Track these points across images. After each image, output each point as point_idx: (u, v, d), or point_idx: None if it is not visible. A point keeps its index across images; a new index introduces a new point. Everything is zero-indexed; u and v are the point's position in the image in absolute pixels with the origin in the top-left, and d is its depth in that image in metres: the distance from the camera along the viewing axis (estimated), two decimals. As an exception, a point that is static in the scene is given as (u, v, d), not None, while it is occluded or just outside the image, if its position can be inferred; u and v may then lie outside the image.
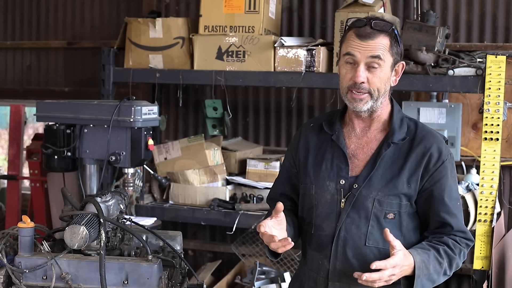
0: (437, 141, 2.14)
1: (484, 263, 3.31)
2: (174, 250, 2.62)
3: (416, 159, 2.11)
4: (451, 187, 2.14)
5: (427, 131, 2.17)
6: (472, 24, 4.13)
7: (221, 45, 3.81)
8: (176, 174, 3.90)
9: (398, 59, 2.13)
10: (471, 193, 3.42)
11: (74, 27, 5.08)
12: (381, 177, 2.12)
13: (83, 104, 3.27)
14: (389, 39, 2.08)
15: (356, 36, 2.08)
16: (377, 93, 2.09)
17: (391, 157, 2.13)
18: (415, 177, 2.11)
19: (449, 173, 2.13)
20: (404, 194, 2.11)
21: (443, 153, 2.12)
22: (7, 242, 2.42)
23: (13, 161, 4.74)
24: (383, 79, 2.09)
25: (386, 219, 2.11)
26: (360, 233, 2.11)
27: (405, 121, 2.19)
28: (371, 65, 2.07)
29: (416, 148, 2.12)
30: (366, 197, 2.11)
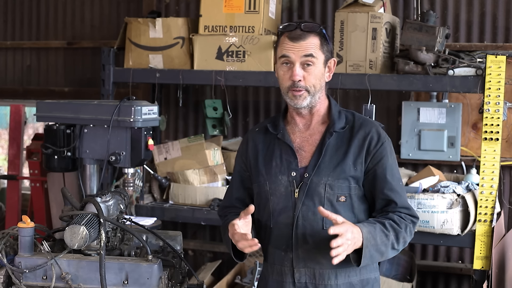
0: (375, 126, 2.34)
1: (484, 263, 3.31)
2: (174, 250, 2.62)
3: (359, 143, 2.29)
4: (392, 167, 2.31)
5: (364, 119, 2.37)
6: (472, 24, 4.13)
7: (221, 45, 3.81)
8: (176, 174, 3.90)
9: (329, 56, 2.32)
10: (471, 193, 3.42)
11: (74, 27, 5.08)
12: (328, 164, 2.28)
13: (83, 104, 3.27)
14: (319, 38, 2.27)
15: (289, 39, 2.26)
16: (313, 89, 2.27)
17: (335, 145, 2.30)
18: (359, 159, 2.28)
19: (388, 154, 2.31)
20: (352, 177, 2.27)
21: (381, 136, 2.31)
22: (7, 242, 2.42)
23: (13, 161, 4.74)
24: (318, 76, 2.27)
25: (338, 202, 2.26)
26: (317, 219, 2.25)
27: (342, 113, 2.37)
28: (305, 64, 2.25)
29: (357, 134, 2.31)
30: (318, 183, 2.26)
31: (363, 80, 3.50)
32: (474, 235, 3.33)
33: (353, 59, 3.59)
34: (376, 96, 3.78)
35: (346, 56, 3.61)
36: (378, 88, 3.54)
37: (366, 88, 3.49)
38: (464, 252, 4.25)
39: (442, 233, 3.36)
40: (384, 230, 2.19)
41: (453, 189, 3.40)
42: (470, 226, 3.37)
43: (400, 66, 3.50)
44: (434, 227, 3.35)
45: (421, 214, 3.34)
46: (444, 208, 3.33)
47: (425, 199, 3.34)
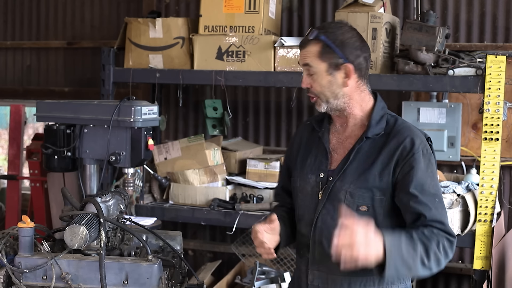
0: (411, 135, 2.19)
1: (484, 263, 3.31)
2: (174, 250, 2.62)
3: (389, 153, 2.17)
4: (422, 181, 2.13)
5: (404, 126, 2.23)
6: (472, 24, 4.13)
7: (221, 45, 3.81)
8: (176, 174, 3.90)
9: (337, 62, 2.20)
10: (471, 193, 3.42)
11: (74, 27, 5.08)
12: (354, 171, 2.20)
13: (83, 104, 3.27)
14: (319, 46, 2.21)
15: (299, 47, 2.32)
16: (323, 96, 2.23)
17: (366, 152, 2.21)
18: (387, 170, 2.16)
19: (420, 166, 2.14)
20: (376, 188, 2.16)
21: (415, 146, 2.16)
22: (7, 242, 2.42)
23: (13, 161, 4.74)
24: (323, 83, 2.22)
25: (358, 211, 2.16)
26: (334, 224, 2.10)
27: (385, 118, 2.26)
28: (308, 72, 2.24)
29: (390, 142, 2.19)
30: (339, 189, 2.20)
31: (363, 80, 3.49)
32: (474, 235, 3.33)
33: (353, 59, 3.59)
34: (376, 96, 3.78)
35: (346, 56, 3.60)
36: (378, 88, 3.52)
37: (366, 88, 3.49)
38: (464, 252, 4.25)
39: (442, 233, 3.36)
40: (410, 242, 2.04)
41: (453, 189, 3.40)
42: (470, 226, 3.37)
43: (400, 66, 3.50)
44: (434, 227, 3.35)
45: (421, 214, 3.34)
46: (444, 208, 3.33)
47: (425, 199, 3.33)
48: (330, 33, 2.22)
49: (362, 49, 2.24)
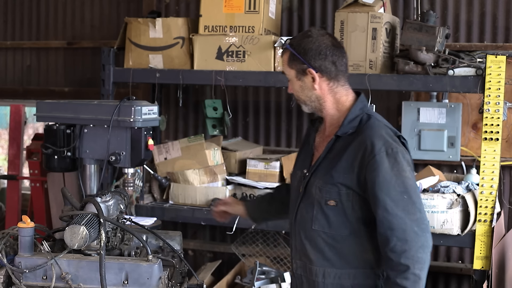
0: (373, 135, 2.26)
1: (484, 263, 3.31)
2: (174, 250, 2.62)
3: (353, 151, 2.28)
4: (387, 180, 2.20)
5: (371, 125, 2.31)
6: (472, 24, 4.13)
7: (221, 45, 3.81)
8: (176, 174, 3.90)
9: (303, 67, 2.36)
10: (471, 193, 3.42)
11: (74, 27, 5.08)
12: (324, 167, 2.35)
13: (83, 104, 3.26)
14: (287, 54, 2.40)
15: None
16: (300, 100, 2.43)
17: (337, 150, 2.33)
18: (351, 168, 2.27)
19: (384, 167, 2.21)
20: (341, 183, 2.28)
21: (376, 147, 2.23)
22: (7, 242, 2.42)
23: (13, 161, 4.74)
24: (295, 88, 2.41)
25: (327, 205, 2.31)
26: (308, 217, 2.37)
27: (359, 117, 2.35)
28: (287, 79, 2.44)
29: (355, 141, 2.30)
30: (312, 184, 2.37)
31: (363, 80, 3.50)
32: (474, 235, 3.33)
33: (353, 59, 3.59)
34: (376, 96, 3.78)
35: (346, 56, 3.60)
36: (378, 88, 3.54)
37: (366, 88, 3.49)
38: (464, 252, 4.25)
39: (442, 233, 3.36)
40: None
41: (453, 189, 3.40)
42: (470, 226, 3.37)
43: (400, 66, 3.50)
44: (434, 227, 3.35)
45: (421, 214, 3.34)
46: (444, 208, 3.33)
47: (425, 199, 3.34)
48: (295, 42, 2.40)
49: (327, 54, 2.35)
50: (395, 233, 2.17)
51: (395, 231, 2.18)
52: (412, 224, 2.18)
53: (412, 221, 2.18)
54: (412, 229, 2.18)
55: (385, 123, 2.36)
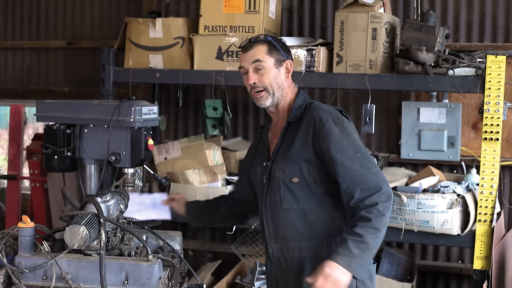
0: (319, 111, 2.53)
1: (484, 263, 3.31)
2: (174, 250, 2.62)
3: (305, 128, 2.53)
4: (341, 142, 2.44)
5: (316, 107, 2.58)
6: (472, 24, 4.13)
7: (221, 45, 3.81)
8: (176, 174, 3.90)
9: (282, 58, 2.60)
10: (471, 193, 3.42)
11: (74, 27, 5.08)
12: (282, 150, 2.57)
13: (83, 104, 3.27)
14: (266, 45, 2.59)
15: (242, 52, 2.64)
16: (270, 88, 2.58)
17: (290, 134, 2.57)
18: (306, 142, 2.51)
19: (334, 132, 2.46)
20: (302, 160, 2.51)
21: (323, 118, 2.49)
22: (7, 242, 2.42)
23: (13, 161, 4.74)
24: (271, 76, 2.58)
25: (292, 183, 2.53)
26: (276, 199, 2.57)
27: (303, 105, 2.61)
28: (256, 68, 2.57)
29: (304, 120, 2.55)
30: (275, 169, 2.57)
31: (363, 80, 3.50)
32: (474, 235, 3.33)
33: (353, 59, 3.59)
34: (376, 96, 3.78)
35: (346, 56, 3.61)
36: (378, 88, 3.54)
37: (366, 88, 3.49)
38: (464, 252, 4.25)
39: (442, 233, 3.36)
40: (356, 239, 2.34)
41: (453, 189, 3.40)
42: (470, 226, 3.37)
43: (400, 66, 3.50)
44: (434, 227, 3.35)
45: (421, 214, 3.34)
46: (444, 208, 3.33)
47: (425, 199, 3.34)
48: (272, 36, 2.66)
49: (290, 53, 2.68)
50: (358, 185, 2.39)
51: (357, 183, 2.39)
52: (372, 176, 2.40)
53: (371, 174, 2.41)
54: (372, 179, 2.40)
55: (327, 105, 2.63)
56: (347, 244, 2.34)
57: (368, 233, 2.34)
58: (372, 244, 2.36)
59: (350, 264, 2.32)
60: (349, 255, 2.32)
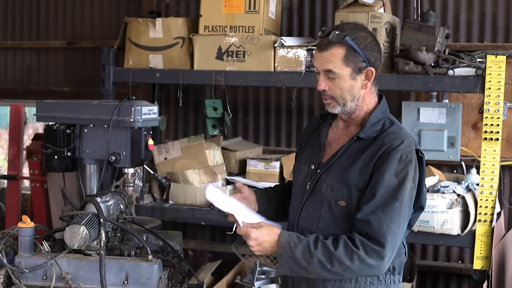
0: (395, 139, 2.19)
1: (484, 263, 3.31)
2: (174, 250, 2.62)
3: (372, 152, 2.20)
4: (389, 185, 2.14)
5: (394, 131, 2.23)
6: (472, 24, 4.13)
7: (221, 45, 3.81)
8: (176, 174, 3.90)
9: (361, 66, 2.22)
10: (471, 193, 3.42)
11: (74, 27, 5.08)
12: (338, 166, 2.25)
13: (83, 104, 3.27)
14: (344, 49, 2.20)
15: (317, 48, 2.26)
16: (341, 100, 2.25)
17: (355, 150, 2.25)
18: (366, 168, 2.20)
19: (391, 169, 2.14)
20: (355, 185, 2.20)
21: (395, 149, 2.16)
22: (7, 242, 2.42)
23: (13, 161, 4.74)
24: (344, 87, 2.23)
25: (337, 205, 2.23)
26: (314, 215, 2.27)
27: (382, 121, 2.28)
28: (328, 76, 2.23)
29: (375, 143, 2.22)
30: (323, 182, 2.27)
31: (363, 80, 3.49)
32: (474, 235, 3.33)
33: (353, 59, 3.59)
34: (376, 96, 3.78)
35: (346, 56, 3.60)
36: (378, 88, 3.53)
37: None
38: (464, 252, 4.25)
39: (442, 233, 3.36)
40: (310, 246, 2.14)
41: (453, 189, 3.40)
42: (470, 226, 3.37)
43: (400, 66, 3.50)
44: (434, 227, 3.35)
45: (421, 214, 3.34)
46: (444, 208, 3.33)
47: (425, 199, 3.34)
48: (355, 36, 2.20)
49: (379, 52, 2.28)
50: (369, 230, 2.13)
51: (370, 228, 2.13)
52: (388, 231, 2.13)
53: (389, 229, 2.13)
54: (386, 234, 2.12)
55: (408, 132, 2.30)
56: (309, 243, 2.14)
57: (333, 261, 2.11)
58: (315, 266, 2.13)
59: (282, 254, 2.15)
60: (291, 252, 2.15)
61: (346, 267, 2.12)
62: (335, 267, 2.12)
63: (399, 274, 2.30)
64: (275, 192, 2.55)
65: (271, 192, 2.53)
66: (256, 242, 2.18)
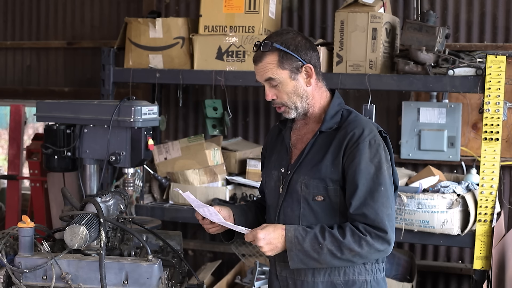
0: (360, 126, 2.25)
1: (484, 263, 3.31)
2: (174, 250, 2.62)
3: (339, 143, 2.25)
4: (367, 170, 2.19)
5: (355, 119, 2.30)
6: (472, 24, 4.13)
7: (221, 45, 3.81)
8: (176, 174, 3.90)
9: (297, 65, 2.28)
10: (471, 193, 3.42)
11: (74, 27, 5.08)
12: (308, 163, 2.29)
13: (83, 104, 3.27)
14: (276, 54, 2.26)
15: (253, 63, 2.32)
16: (291, 103, 2.31)
17: (321, 145, 2.29)
18: (337, 160, 2.24)
19: (365, 157, 2.20)
20: (329, 178, 2.25)
21: (361, 136, 2.22)
22: (7, 242, 2.42)
23: (13, 161, 4.74)
24: (288, 90, 2.29)
25: (315, 201, 2.27)
26: (294, 215, 2.30)
27: (340, 112, 2.34)
28: (271, 85, 2.29)
29: (340, 133, 2.27)
30: (296, 181, 2.29)
31: (363, 80, 3.50)
32: (474, 235, 3.33)
33: (353, 59, 3.59)
34: (376, 96, 3.78)
35: (346, 56, 3.61)
36: (378, 88, 3.54)
37: (366, 88, 3.49)
38: (464, 252, 4.25)
39: (442, 233, 3.36)
40: (318, 237, 2.17)
41: (453, 189, 3.40)
42: (470, 226, 3.37)
43: (400, 66, 3.50)
44: (434, 227, 3.35)
45: (421, 214, 3.34)
46: (444, 208, 3.33)
47: (425, 199, 3.34)
48: (282, 39, 2.28)
49: (312, 49, 2.33)
50: (367, 221, 2.18)
51: (367, 219, 2.18)
52: (383, 216, 2.18)
53: (384, 213, 2.19)
54: (383, 219, 2.18)
55: (366, 118, 2.38)
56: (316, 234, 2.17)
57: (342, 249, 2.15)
58: (325, 256, 2.17)
59: (292, 249, 2.18)
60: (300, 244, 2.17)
61: (356, 253, 2.17)
62: (345, 255, 2.17)
63: (382, 263, 2.35)
64: (250, 208, 2.54)
65: (245, 207, 2.53)
66: (265, 242, 2.19)
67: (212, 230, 2.41)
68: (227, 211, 2.41)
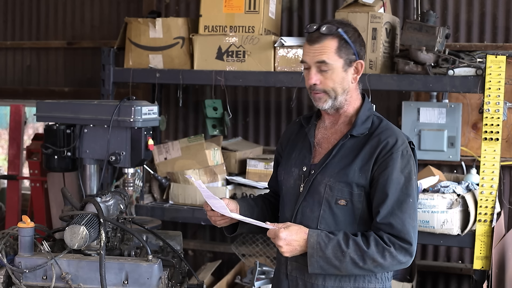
0: (394, 135, 2.24)
1: (484, 263, 3.31)
2: (174, 250, 2.63)
3: (370, 150, 2.22)
4: (397, 182, 2.18)
5: (388, 128, 2.28)
6: (472, 24, 4.13)
7: (221, 45, 3.81)
8: (176, 174, 3.90)
9: (352, 58, 2.25)
10: (471, 193, 3.42)
11: (74, 27, 5.08)
12: (335, 165, 2.25)
13: (83, 104, 3.27)
14: (337, 40, 2.22)
15: (307, 42, 2.28)
16: (333, 93, 2.25)
17: (349, 148, 2.26)
18: (366, 166, 2.21)
19: (397, 166, 2.18)
20: (355, 183, 2.21)
21: (395, 146, 2.20)
22: (7, 242, 2.42)
23: (13, 161, 4.74)
24: (337, 80, 2.24)
25: (337, 205, 2.23)
26: (313, 217, 2.26)
27: (371, 118, 2.31)
28: (320, 69, 2.23)
29: (372, 140, 2.24)
30: (320, 182, 2.25)
31: (363, 80, 3.49)
32: (474, 235, 3.33)
33: (353, 59, 3.59)
34: (376, 96, 3.79)
35: (346, 56, 3.60)
36: (378, 88, 3.54)
37: (366, 88, 3.49)
38: (464, 252, 4.25)
39: (442, 233, 3.36)
40: (341, 245, 2.14)
41: (453, 189, 3.40)
42: (470, 226, 3.37)
43: (400, 66, 3.50)
44: (434, 227, 3.35)
45: (421, 214, 3.34)
46: (444, 208, 3.33)
47: (425, 199, 3.34)
48: (345, 29, 2.24)
49: (365, 47, 2.33)
50: (393, 231, 2.17)
51: (394, 230, 2.17)
52: (410, 228, 2.17)
53: (410, 225, 2.18)
54: (409, 231, 2.17)
55: (398, 128, 2.34)
56: (340, 241, 2.14)
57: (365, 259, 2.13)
58: (347, 265, 2.15)
59: (313, 254, 2.15)
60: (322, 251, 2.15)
61: (378, 264, 2.15)
62: (367, 264, 2.15)
63: (391, 271, 2.33)
64: (256, 202, 2.51)
65: (252, 202, 2.50)
66: (285, 242, 2.16)
67: (220, 222, 2.37)
68: (234, 204, 2.38)
